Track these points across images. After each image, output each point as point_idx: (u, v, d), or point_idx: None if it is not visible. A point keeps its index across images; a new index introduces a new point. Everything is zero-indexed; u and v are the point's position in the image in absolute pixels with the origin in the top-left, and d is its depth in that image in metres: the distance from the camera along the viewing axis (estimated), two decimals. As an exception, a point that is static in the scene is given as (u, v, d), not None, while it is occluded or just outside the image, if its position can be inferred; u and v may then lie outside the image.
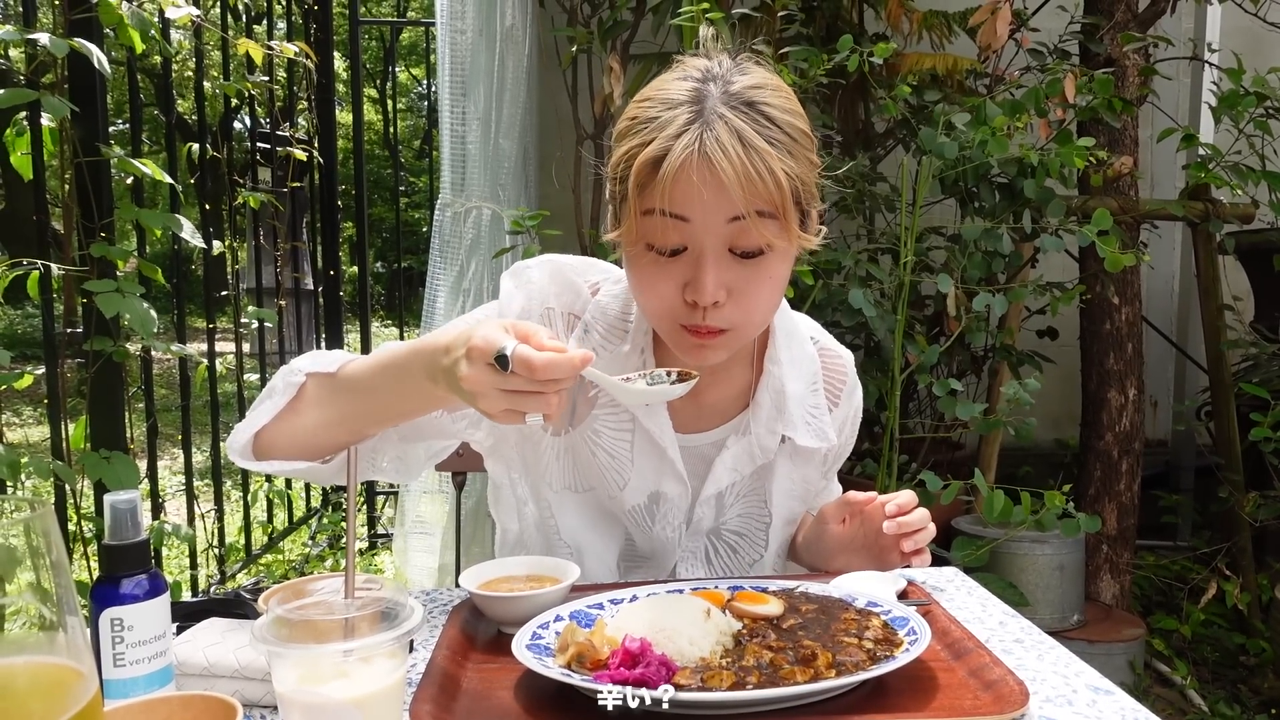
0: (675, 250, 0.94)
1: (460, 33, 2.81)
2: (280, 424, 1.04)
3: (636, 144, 0.93)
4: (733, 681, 0.80)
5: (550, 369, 0.79)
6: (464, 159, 2.85)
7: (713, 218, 0.92)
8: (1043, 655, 0.94)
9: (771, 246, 0.93)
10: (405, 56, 13.30)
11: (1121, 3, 2.79)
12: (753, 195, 0.89)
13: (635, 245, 0.96)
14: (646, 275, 0.97)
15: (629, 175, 0.93)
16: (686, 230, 0.93)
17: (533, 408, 0.83)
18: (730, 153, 0.88)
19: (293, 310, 3.69)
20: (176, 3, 2.06)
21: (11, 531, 0.52)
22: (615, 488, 1.13)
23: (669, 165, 0.89)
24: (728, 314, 0.96)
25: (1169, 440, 3.96)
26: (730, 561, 1.20)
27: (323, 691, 0.70)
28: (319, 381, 1.03)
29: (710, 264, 0.93)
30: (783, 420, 1.13)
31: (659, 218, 0.92)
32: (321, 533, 3.95)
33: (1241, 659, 2.76)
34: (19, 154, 1.91)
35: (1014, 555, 2.53)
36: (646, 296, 0.99)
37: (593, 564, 1.16)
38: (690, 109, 0.91)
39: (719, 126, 0.89)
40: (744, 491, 1.18)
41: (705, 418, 1.13)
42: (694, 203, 0.91)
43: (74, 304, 2.29)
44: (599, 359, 1.07)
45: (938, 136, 2.20)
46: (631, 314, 1.10)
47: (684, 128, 0.90)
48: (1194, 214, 2.75)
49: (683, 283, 0.95)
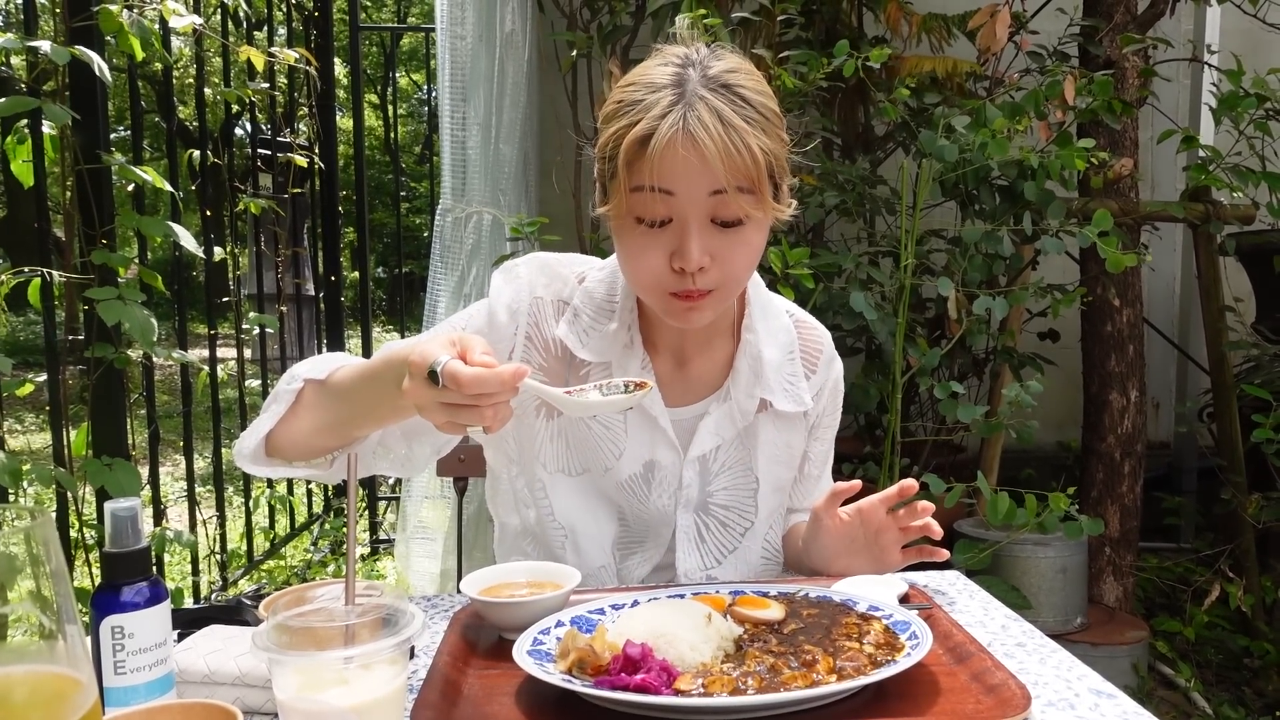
0: (662, 222, 1.02)
1: (460, 38, 2.82)
2: (282, 429, 1.10)
3: (624, 124, 1.00)
4: (734, 687, 0.79)
5: (476, 384, 0.82)
6: (464, 164, 2.85)
7: (696, 191, 0.99)
8: (1045, 659, 0.94)
9: (749, 217, 1.02)
10: (406, 62, 13.34)
11: (1121, 5, 2.79)
12: (732, 170, 0.97)
13: (624, 219, 1.03)
14: (636, 246, 1.04)
15: (618, 154, 1.00)
16: (672, 203, 1.00)
17: (468, 420, 0.86)
18: (712, 130, 0.96)
19: (294, 316, 3.69)
20: (178, 11, 2.07)
21: (12, 540, 0.52)
22: (611, 458, 1.17)
23: (656, 142, 0.96)
24: (711, 277, 1.03)
25: (1171, 442, 3.96)
26: (721, 537, 1.22)
27: (323, 698, 0.70)
28: (313, 387, 1.09)
29: (694, 233, 1.00)
30: (760, 385, 1.19)
31: (647, 193, 0.99)
32: (324, 538, 3.95)
33: (1245, 661, 2.75)
34: (20, 161, 1.91)
35: (1016, 558, 2.53)
36: (636, 267, 1.05)
37: (588, 546, 1.19)
38: (673, 91, 0.98)
39: (700, 106, 0.97)
40: (730, 462, 1.21)
41: (692, 390, 1.20)
42: (679, 177, 0.98)
43: (75, 311, 2.30)
44: (589, 338, 1.15)
45: (938, 139, 2.20)
46: (617, 295, 1.17)
47: (668, 108, 0.97)
48: (1194, 215, 2.75)
49: (669, 251, 1.02)
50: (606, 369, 1.16)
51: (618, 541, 1.21)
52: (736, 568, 1.23)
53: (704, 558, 1.21)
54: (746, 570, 1.23)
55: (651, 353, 1.17)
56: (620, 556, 1.21)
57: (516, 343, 1.17)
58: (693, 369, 1.19)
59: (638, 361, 1.15)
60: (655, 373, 1.17)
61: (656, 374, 1.17)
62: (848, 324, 2.25)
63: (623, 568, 1.21)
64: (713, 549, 1.22)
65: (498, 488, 1.28)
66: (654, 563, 1.21)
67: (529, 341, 1.17)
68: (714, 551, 1.22)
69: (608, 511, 1.20)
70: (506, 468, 1.23)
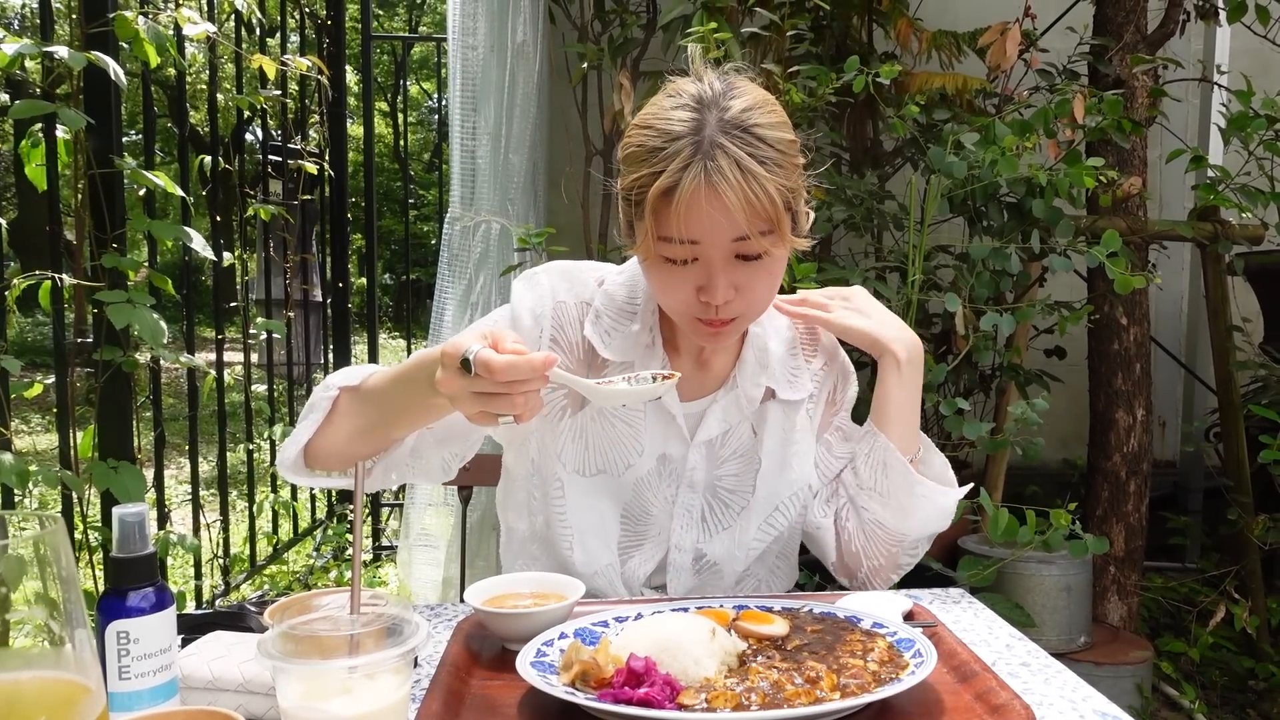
0: (688, 260, 1.07)
1: (472, 48, 2.83)
2: (320, 437, 1.13)
3: (647, 173, 1.04)
4: (737, 702, 0.79)
5: (509, 370, 0.85)
6: (474, 173, 2.86)
7: (720, 237, 1.04)
8: (1050, 679, 0.94)
9: (770, 253, 1.07)
10: (416, 71, 13.40)
11: (1131, 24, 2.80)
12: (753, 217, 1.02)
13: (652, 259, 1.09)
14: (663, 281, 1.10)
15: (643, 201, 1.04)
16: (697, 249, 1.05)
17: (500, 408, 0.89)
18: (733, 181, 1.00)
19: (301, 321, 3.70)
20: (192, 19, 2.08)
21: (22, 544, 0.52)
22: (634, 455, 1.21)
23: (679, 198, 1.01)
24: (736, 306, 1.09)
25: (1177, 461, 3.94)
26: (721, 515, 1.25)
27: (327, 707, 0.70)
28: (348, 395, 1.12)
29: (719, 272, 1.06)
30: (766, 374, 1.24)
31: (674, 243, 1.04)
32: (326, 544, 3.95)
33: (1250, 683, 2.74)
34: (34, 165, 1.92)
35: (1020, 576, 2.51)
36: (665, 297, 1.12)
37: (594, 545, 1.21)
38: (692, 141, 1.02)
39: (720, 157, 1.01)
40: (741, 449, 1.25)
41: (706, 385, 1.24)
42: (704, 229, 1.03)
43: (84, 314, 2.30)
44: (611, 339, 1.19)
45: (946, 156, 2.20)
46: (638, 297, 1.21)
47: (689, 160, 1.01)
48: (1203, 235, 2.75)
49: (695, 286, 1.08)
50: (629, 369, 1.19)
51: (621, 541, 1.24)
52: (724, 544, 1.25)
53: (700, 534, 1.25)
54: (734, 548, 1.25)
55: (671, 354, 1.22)
56: (624, 556, 1.24)
57: (542, 345, 1.20)
58: (711, 366, 1.24)
59: (659, 362, 1.20)
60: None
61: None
62: (854, 338, 2.24)
63: (626, 568, 1.23)
64: (710, 527, 1.25)
65: (512, 491, 1.30)
66: (657, 560, 1.24)
67: (554, 344, 1.21)
68: (711, 529, 1.25)
69: (613, 512, 1.23)
70: (525, 469, 1.26)
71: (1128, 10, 2.79)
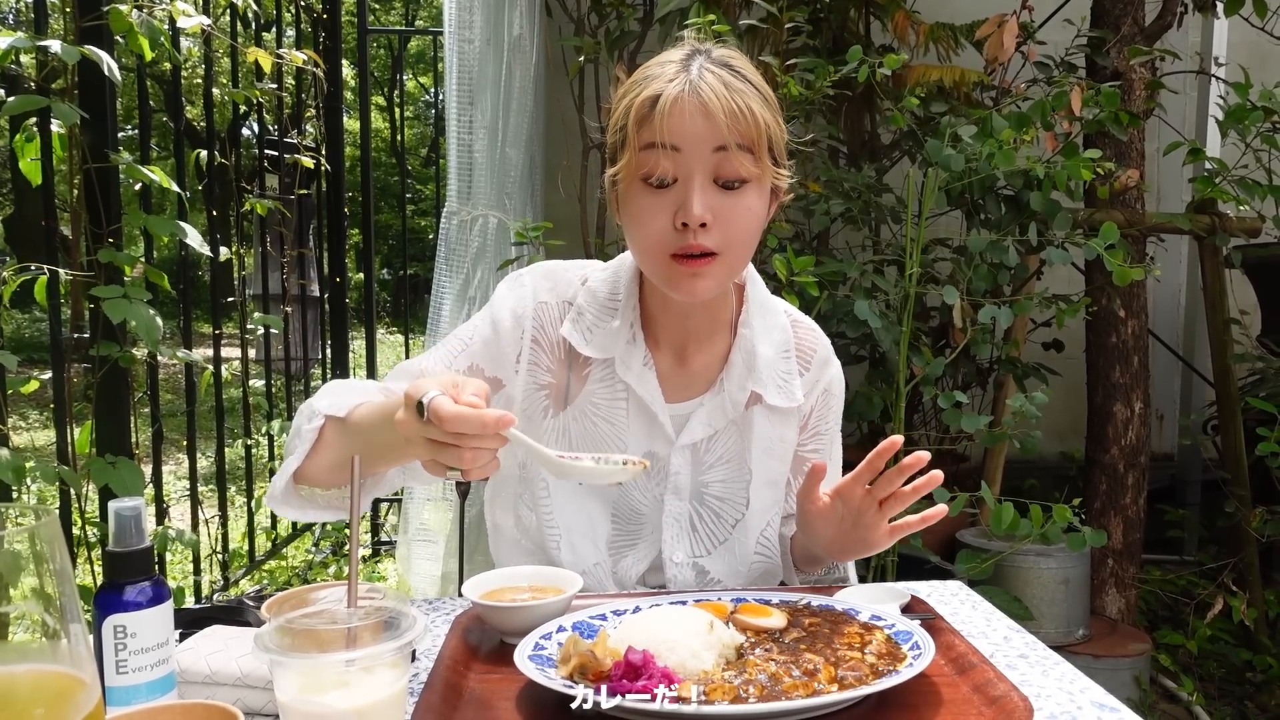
0: (667, 183, 1.07)
1: (468, 42, 2.82)
2: (308, 463, 1.09)
3: (634, 94, 1.08)
4: (735, 695, 0.79)
5: (456, 422, 0.82)
6: (470, 167, 2.85)
7: (701, 146, 1.05)
8: (1047, 671, 0.94)
9: (748, 178, 1.07)
10: (413, 65, 13.37)
11: (1128, 16, 2.79)
12: (735, 126, 1.04)
13: (632, 182, 1.08)
14: (642, 206, 1.09)
15: (628, 120, 1.07)
16: (678, 160, 1.05)
17: (449, 460, 0.86)
18: (717, 89, 1.04)
19: (299, 316, 3.69)
20: (187, 12, 2.07)
21: (16, 538, 0.52)
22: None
23: (665, 99, 1.04)
24: (713, 238, 1.07)
25: (1175, 454, 3.94)
26: (714, 527, 1.24)
27: (325, 701, 0.70)
28: (333, 425, 1.08)
29: (697, 188, 1.06)
30: (753, 378, 1.21)
31: (656, 150, 1.05)
32: (325, 539, 3.95)
33: (1248, 675, 2.74)
34: (28, 159, 1.91)
35: (1019, 569, 2.52)
36: (641, 228, 1.09)
37: (582, 544, 1.20)
38: (681, 64, 1.08)
39: (706, 74, 1.06)
40: (726, 455, 1.22)
41: (691, 386, 1.22)
42: (686, 134, 1.05)
43: (81, 309, 2.30)
44: (593, 335, 1.18)
45: (944, 148, 2.20)
46: (619, 293, 1.20)
47: (676, 74, 1.06)
48: (1201, 228, 2.75)
49: (674, 211, 1.06)
50: (609, 365, 1.18)
51: (611, 541, 1.22)
52: (726, 560, 1.23)
53: (694, 546, 1.23)
54: (736, 564, 1.23)
55: (653, 348, 1.20)
56: (615, 556, 1.22)
57: (524, 346, 1.19)
58: (692, 365, 1.22)
59: (640, 356, 1.18)
60: (656, 367, 1.19)
61: (657, 369, 1.19)
62: (852, 332, 2.25)
63: (618, 567, 1.22)
64: (704, 538, 1.23)
65: (499, 490, 1.29)
66: (649, 560, 1.23)
67: (536, 345, 1.19)
68: (705, 541, 1.23)
69: (602, 511, 1.22)
70: (512, 468, 1.25)
71: (1125, 2, 2.79)
